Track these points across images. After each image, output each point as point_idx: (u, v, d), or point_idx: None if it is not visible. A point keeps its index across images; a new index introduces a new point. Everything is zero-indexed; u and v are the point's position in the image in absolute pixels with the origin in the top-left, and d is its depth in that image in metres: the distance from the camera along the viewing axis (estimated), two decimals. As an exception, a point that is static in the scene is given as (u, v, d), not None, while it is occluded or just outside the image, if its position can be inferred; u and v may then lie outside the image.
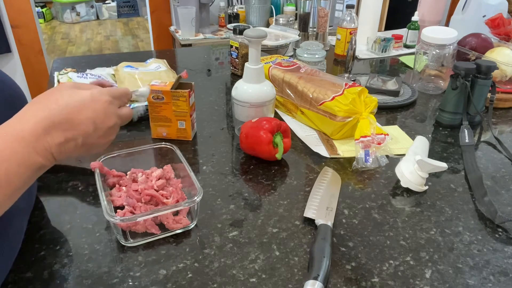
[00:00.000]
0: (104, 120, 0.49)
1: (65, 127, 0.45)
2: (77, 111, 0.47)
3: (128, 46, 4.57)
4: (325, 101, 0.84)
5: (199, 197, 0.58)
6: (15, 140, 0.42)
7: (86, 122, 0.47)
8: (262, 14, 2.59)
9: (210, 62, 1.39)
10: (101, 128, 0.49)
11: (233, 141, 0.87)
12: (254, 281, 0.53)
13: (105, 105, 0.49)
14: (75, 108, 0.47)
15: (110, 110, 0.50)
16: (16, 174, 0.42)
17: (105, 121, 0.49)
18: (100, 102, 0.49)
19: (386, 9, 2.90)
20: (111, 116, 0.50)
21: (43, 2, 5.44)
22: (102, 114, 0.49)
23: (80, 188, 0.70)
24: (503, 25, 1.30)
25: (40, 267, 0.54)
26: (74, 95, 0.48)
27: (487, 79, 0.89)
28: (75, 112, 0.46)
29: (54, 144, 0.44)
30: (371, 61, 1.45)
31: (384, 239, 0.60)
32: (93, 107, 0.48)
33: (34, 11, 2.53)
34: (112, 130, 0.51)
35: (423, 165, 0.69)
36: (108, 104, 0.50)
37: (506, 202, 0.69)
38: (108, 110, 0.50)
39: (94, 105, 0.48)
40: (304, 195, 0.69)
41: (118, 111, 0.52)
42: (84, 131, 0.47)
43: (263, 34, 0.79)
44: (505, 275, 0.54)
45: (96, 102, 0.49)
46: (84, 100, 0.48)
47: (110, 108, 0.50)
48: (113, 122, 0.50)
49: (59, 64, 1.31)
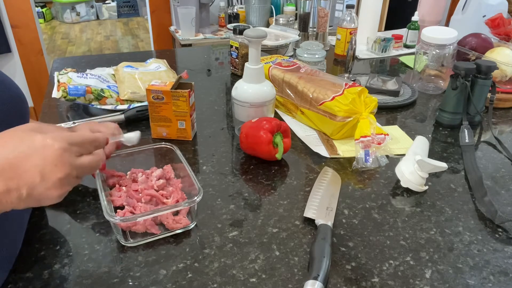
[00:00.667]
0: (53, 170, 0.42)
1: (8, 175, 0.40)
2: (24, 157, 0.41)
3: (128, 46, 4.57)
4: (325, 101, 0.84)
5: (199, 197, 0.58)
6: None
7: (32, 171, 0.41)
8: (262, 14, 2.59)
9: (210, 62, 1.39)
10: (49, 178, 0.42)
11: (233, 141, 0.87)
12: (254, 281, 0.53)
13: (57, 153, 0.43)
14: (22, 154, 0.41)
15: (63, 159, 0.43)
16: None
17: (54, 171, 0.42)
18: (52, 149, 0.43)
19: (386, 9, 2.90)
20: (63, 165, 0.43)
21: (43, 2, 5.44)
22: (51, 163, 0.42)
23: (80, 188, 0.70)
24: (503, 25, 1.30)
25: (40, 267, 0.54)
26: (25, 139, 0.43)
27: (487, 79, 0.89)
28: (21, 159, 0.41)
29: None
30: (371, 61, 1.45)
31: (384, 239, 0.60)
32: (42, 154, 0.42)
33: (34, 11, 2.53)
34: (63, 183, 0.44)
35: (423, 165, 0.69)
36: (61, 152, 0.43)
37: (506, 202, 0.69)
38: (60, 158, 0.43)
39: (43, 151, 0.42)
40: (304, 195, 0.69)
41: (74, 160, 0.45)
42: (29, 182, 0.41)
43: (263, 34, 0.79)
44: (505, 275, 0.54)
45: (47, 148, 0.42)
46: (34, 145, 0.42)
47: (63, 156, 0.43)
48: (65, 173, 0.43)
49: (59, 64, 1.31)
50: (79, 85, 0.93)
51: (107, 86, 0.98)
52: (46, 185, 0.42)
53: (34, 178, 0.41)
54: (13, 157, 0.41)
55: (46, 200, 0.44)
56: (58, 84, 0.94)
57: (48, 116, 0.97)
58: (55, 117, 0.97)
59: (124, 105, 0.96)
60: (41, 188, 0.42)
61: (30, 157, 0.42)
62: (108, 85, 0.99)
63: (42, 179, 0.42)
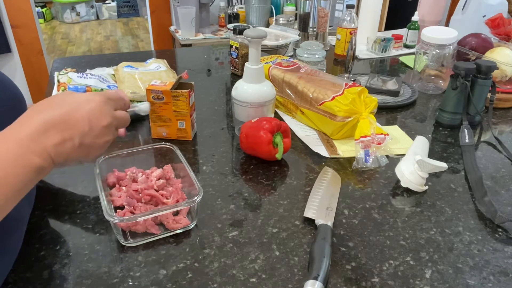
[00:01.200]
0: (99, 119, 0.49)
1: (61, 127, 0.45)
2: (72, 111, 0.47)
3: (128, 46, 4.57)
4: (325, 101, 0.85)
5: (199, 197, 0.58)
6: (13, 142, 0.43)
7: (82, 121, 0.47)
8: (262, 14, 2.59)
9: (210, 62, 1.39)
10: (96, 127, 0.49)
11: (233, 141, 0.87)
12: (254, 281, 0.53)
13: (99, 105, 0.50)
14: (70, 109, 0.47)
15: (105, 109, 0.50)
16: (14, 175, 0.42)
17: (100, 120, 0.49)
18: (95, 102, 0.49)
19: (386, 9, 2.90)
20: (105, 115, 0.50)
21: (43, 2, 5.44)
22: (97, 112, 0.49)
23: (80, 188, 0.70)
24: (503, 25, 1.30)
25: (40, 267, 0.54)
26: (69, 97, 0.49)
27: (487, 79, 0.89)
28: (70, 112, 0.47)
29: (51, 145, 0.45)
30: (371, 61, 1.45)
31: (384, 239, 0.60)
32: (87, 107, 0.48)
33: (34, 11, 2.53)
34: (107, 130, 0.50)
35: (423, 165, 0.69)
36: (102, 104, 0.50)
37: (506, 202, 0.69)
38: (102, 109, 0.50)
39: (88, 105, 0.49)
40: (304, 195, 0.69)
41: (113, 112, 0.52)
42: (80, 131, 0.47)
43: (263, 34, 0.79)
44: (505, 275, 0.54)
45: (91, 102, 0.49)
46: (79, 100, 0.49)
47: (104, 107, 0.50)
48: (108, 121, 0.50)
49: (59, 64, 1.31)
50: (79, 85, 0.93)
51: (107, 86, 0.98)
52: (94, 132, 0.48)
53: (84, 127, 0.47)
54: (64, 111, 0.46)
55: (94, 150, 0.49)
56: (58, 84, 0.94)
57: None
58: (55, 117, 0.97)
59: (124, 105, 0.96)
60: (91, 136, 0.48)
61: (78, 110, 0.47)
62: (108, 85, 0.99)
63: (90, 127, 0.48)
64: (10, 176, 0.42)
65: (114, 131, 0.53)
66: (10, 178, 0.42)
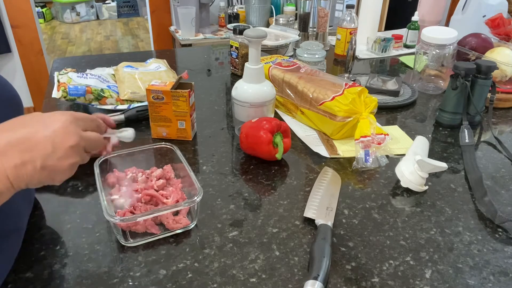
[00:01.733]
0: (63, 139, 0.46)
1: (22, 148, 0.43)
2: (35, 132, 0.44)
3: (128, 46, 4.57)
4: (325, 101, 0.85)
5: (199, 197, 0.58)
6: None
7: (44, 142, 0.44)
8: (262, 14, 2.59)
9: (210, 62, 1.39)
10: (61, 148, 0.45)
11: (233, 141, 0.87)
12: (254, 281, 0.53)
13: (65, 124, 0.47)
14: (34, 129, 0.45)
15: (71, 129, 0.47)
16: None
17: (65, 140, 0.46)
18: (60, 121, 0.47)
19: (386, 9, 2.90)
20: (71, 134, 0.47)
21: (43, 2, 5.44)
22: (61, 132, 0.46)
23: (80, 188, 0.70)
24: (503, 25, 1.30)
25: (40, 267, 0.54)
26: (35, 117, 0.47)
27: (487, 79, 0.89)
28: (33, 133, 0.44)
29: (9, 166, 0.42)
30: (371, 61, 1.45)
31: (384, 239, 0.60)
32: (52, 127, 0.46)
33: (34, 11, 2.53)
34: (73, 151, 0.47)
35: (423, 165, 0.69)
36: (68, 123, 0.47)
37: (506, 202, 0.69)
38: (68, 128, 0.47)
39: (53, 124, 0.46)
40: (304, 195, 0.69)
41: (81, 132, 0.49)
42: (42, 152, 0.44)
43: (263, 34, 0.79)
44: (505, 275, 0.54)
45: (55, 121, 0.47)
46: (44, 120, 0.46)
47: (70, 126, 0.47)
48: (74, 142, 0.47)
49: (59, 64, 1.31)
50: (79, 85, 0.93)
51: (107, 86, 0.98)
52: (58, 154, 0.45)
53: (46, 149, 0.44)
54: (26, 132, 0.44)
55: (59, 173, 0.46)
56: (58, 84, 0.94)
57: (48, 116, 0.97)
58: (55, 117, 0.97)
59: (124, 105, 0.96)
60: (54, 159, 0.45)
61: (41, 130, 0.45)
62: (108, 85, 0.99)
63: (53, 148, 0.45)
64: None
65: (82, 153, 0.49)
66: None
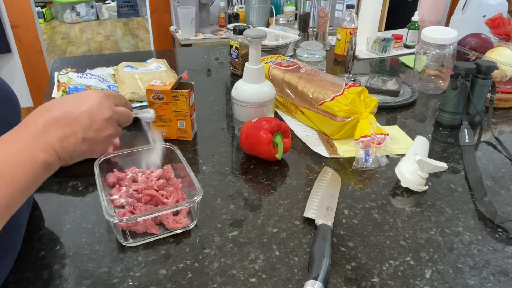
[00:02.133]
0: (98, 112, 0.50)
1: (63, 123, 0.47)
2: (72, 108, 0.49)
3: (128, 46, 4.57)
4: (325, 101, 0.85)
5: (199, 197, 0.58)
6: (20, 141, 0.45)
7: (82, 116, 0.49)
8: (262, 14, 2.58)
9: (210, 62, 1.39)
10: (97, 120, 0.50)
11: (233, 141, 0.87)
12: (254, 281, 0.53)
13: (99, 99, 0.51)
14: (70, 107, 0.49)
15: (104, 103, 0.51)
16: (21, 171, 0.43)
17: (100, 113, 0.50)
18: (93, 97, 0.51)
19: (386, 9, 2.90)
20: (105, 108, 0.51)
21: (43, 2, 5.44)
22: (96, 107, 0.50)
23: (80, 188, 0.70)
24: (503, 25, 1.29)
25: (40, 267, 0.54)
26: (68, 97, 0.51)
27: (487, 79, 0.89)
28: (70, 110, 0.48)
29: (55, 140, 0.46)
30: (371, 61, 1.45)
31: (384, 239, 0.60)
32: (87, 103, 0.50)
33: (34, 11, 2.53)
34: (108, 124, 0.51)
35: (423, 165, 0.69)
36: (101, 99, 0.51)
37: (506, 202, 0.69)
38: (102, 103, 0.51)
39: (88, 100, 0.50)
40: (304, 195, 0.69)
41: (113, 106, 0.53)
42: (81, 125, 0.48)
43: (263, 34, 0.79)
44: (505, 275, 0.54)
45: (90, 97, 0.51)
46: (79, 97, 0.51)
47: (104, 101, 0.51)
48: (108, 115, 0.51)
49: (59, 64, 1.31)
50: (79, 85, 0.93)
51: (107, 86, 0.98)
52: (95, 126, 0.49)
53: (84, 122, 0.49)
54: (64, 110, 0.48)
55: (98, 144, 0.50)
56: (58, 84, 0.94)
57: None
58: (55, 117, 0.97)
59: (124, 105, 0.96)
60: (92, 131, 0.49)
61: (78, 107, 0.49)
62: (108, 85, 0.99)
63: (90, 121, 0.49)
64: (18, 173, 0.43)
65: (116, 126, 0.53)
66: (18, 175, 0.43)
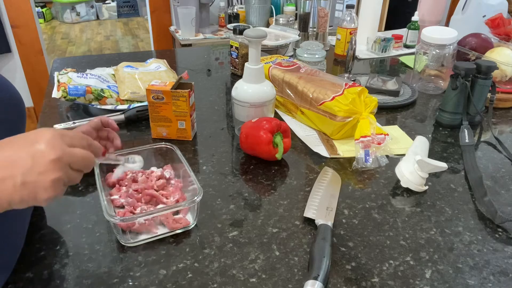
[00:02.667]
0: (44, 153, 0.42)
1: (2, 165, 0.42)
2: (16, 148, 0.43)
3: (128, 46, 4.57)
4: (325, 101, 0.85)
5: (199, 197, 0.58)
6: None
7: (24, 157, 0.42)
8: (262, 14, 2.58)
9: (210, 62, 1.39)
10: (41, 162, 0.42)
11: (233, 141, 0.87)
12: (254, 281, 0.53)
13: (47, 138, 0.43)
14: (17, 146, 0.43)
15: (54, 142, 0.43)
16: None
17: (45, 154, 0.42)
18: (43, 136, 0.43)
19: (386, 9, 2.90)
20: (52, 148, 0.43)
21: (43, 2, 5.44)
22: (43, 146, 0.42)
23: (80, 188, 0.70)
24: (503, 25, 1.29)
25: (40, 267, 0.54)
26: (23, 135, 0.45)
27: (487, 79, 0.89)
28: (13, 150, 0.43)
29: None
30: (371, 61, 1.45)
31: (384, 239, 0.60)
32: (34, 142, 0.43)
33: (34, 11, 2.53)
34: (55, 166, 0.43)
35: (423, 165, 0.69)
36: (51, 137, 0.43)
37: (506, 202, 0.69)
38: (51, 142, 0.43)
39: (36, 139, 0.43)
40: (304, 195, 0.69)
41: (65, 147, 0.44)
42: (22, 167, 0.41)
43: (263, 34, 0.79)
44: (505, 275, 0.54)
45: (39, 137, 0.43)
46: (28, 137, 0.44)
47: (52, 141, 0.43)
48: (55, 155, 0.42)
49: (59, 64, 1.31)
50: (79, 85, 0.93)
51: (107, 86, 0.98)
52: (38, 168, 0.42)
53: (26, 164, 0.42)
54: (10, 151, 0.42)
55: (41, 190, 0.42)
56: (58, 84, 0.94)
57: (48, 116, 0.97)
58: (55, 117, 0.97)
59: (124, 105, 0.96)
60: (34, 174, 0.42)
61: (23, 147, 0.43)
62: (108, 85, 0.99)
63: (33, 163, 0.42)
64: None
65: (67, 170, 0.44)
66: None
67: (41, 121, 0.94)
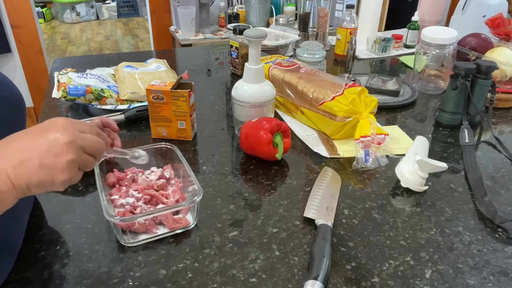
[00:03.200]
0: (58, 137, 0.46)
1: (19, 148, 0.44)
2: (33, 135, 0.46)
3: (128, 46, 4.57)
4: (325, 101, 0.85)
5: (199, 197, 0.58)
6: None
7: (40, 141, 0.45)
8: (262, 14, 2.58)
9: (210, 62, 1.39)
10: (56, 144, 0.45)
11: (233, 141, 0.87)
12: (254, 281, 0.53)
13: (61, 124, 0.47)
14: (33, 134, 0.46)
15: (66, 127, 0.47)
16: None
17: (60, 137, 0.45)
18: (56, 122, 0.47)
19: (386, 9, 2.90)
20: (66, 132, 0.46)
21: (43, 2, 5.44)
22: (57, 131, 0.46)
23: (80, 188, 0.70)
24: (503, 25, 1.29)
25: (40, 267, 0.54)
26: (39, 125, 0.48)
27: (487, 79, 0.89)
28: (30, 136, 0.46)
29: (9, 166, 0.43)
30: (371, 61, 1.45)
31: (384, 239, 0.60)
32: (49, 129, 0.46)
33: (34, 11, 2.53)
34: (69, 148, 0.46)
35: (423, 165, 0.69)
36: (64, 123, 0.47)
37: (506, 202, 0.69)
38: (64, 127, 0.47)
39: (49, 126, 0.47)
40: (304, 195, 0.69)
41: (78, 132, 0.48)
42: (38, 150, 0.44)
43: (263, 34, 0.79)
44: (505, 275, 0.54)
45: (52, 123, 0.47)
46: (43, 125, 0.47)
47: (66, 125, 0.47)
48: (68, 138, 0.46)
49: (59, 64, 1.31)
50: (79, 85, 0.93)
51: (107, 86, 0.98)
52: (54, 150, 0.45)
53: (42, 147, 0.45)
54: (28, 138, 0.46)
55: (58, 171, 0.45)
56: (58, 84, 0.94)
57: (48, 116, 0.97)
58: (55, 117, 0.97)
59: (124, 105, 0.96)
60: (50, 156, 0.45)
61: (38, 134, 0.46)
62: (108, 85, 0.99)
63: (49, 146, 0.45)
64: None
65: (81, 153, 0.48)
66: None
67: (41, 121, 0.94)
